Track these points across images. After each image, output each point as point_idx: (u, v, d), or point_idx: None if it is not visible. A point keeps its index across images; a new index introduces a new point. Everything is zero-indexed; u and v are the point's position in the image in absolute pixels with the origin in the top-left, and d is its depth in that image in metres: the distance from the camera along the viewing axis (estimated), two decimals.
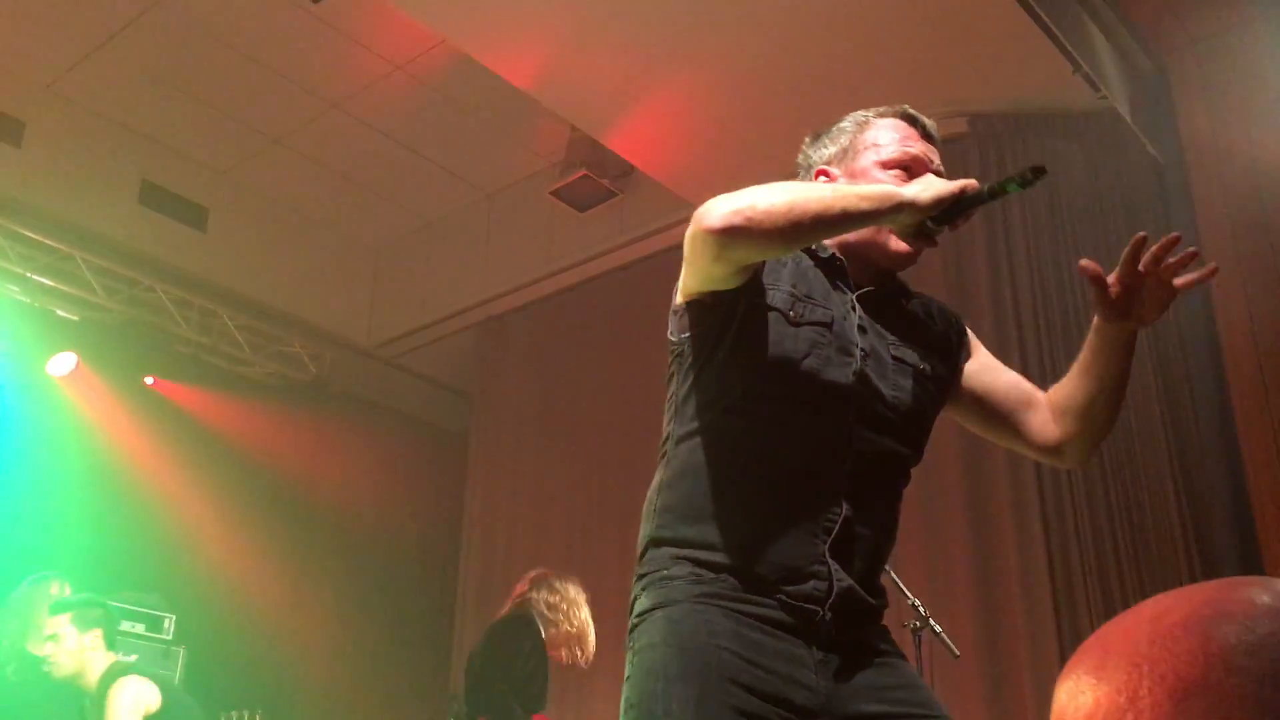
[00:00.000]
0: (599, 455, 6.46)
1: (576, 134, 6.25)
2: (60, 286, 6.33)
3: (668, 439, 1.80)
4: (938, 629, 3.26)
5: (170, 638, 5.71)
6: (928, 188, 1.72)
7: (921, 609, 3.28)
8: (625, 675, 1.64)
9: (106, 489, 6.24)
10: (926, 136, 1.96)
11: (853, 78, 5.23)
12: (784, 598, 1.62)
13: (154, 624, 5.70)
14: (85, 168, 6.41)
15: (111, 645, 4.00)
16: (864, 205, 1.66)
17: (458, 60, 5.89)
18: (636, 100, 5.39)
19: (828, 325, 1.75)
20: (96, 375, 6.47)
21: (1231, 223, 5.10)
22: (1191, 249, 1.73)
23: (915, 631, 3.29)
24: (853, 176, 1.89)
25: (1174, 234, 1.73)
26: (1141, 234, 1.72)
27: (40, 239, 6.17)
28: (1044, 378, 4.87)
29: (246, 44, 5.99)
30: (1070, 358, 4.73)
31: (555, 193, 6.46)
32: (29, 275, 6.21)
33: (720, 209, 1.59)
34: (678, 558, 1.66)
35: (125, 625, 5.55)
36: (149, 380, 6.82)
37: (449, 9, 5.18)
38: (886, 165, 1.88)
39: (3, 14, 5.79)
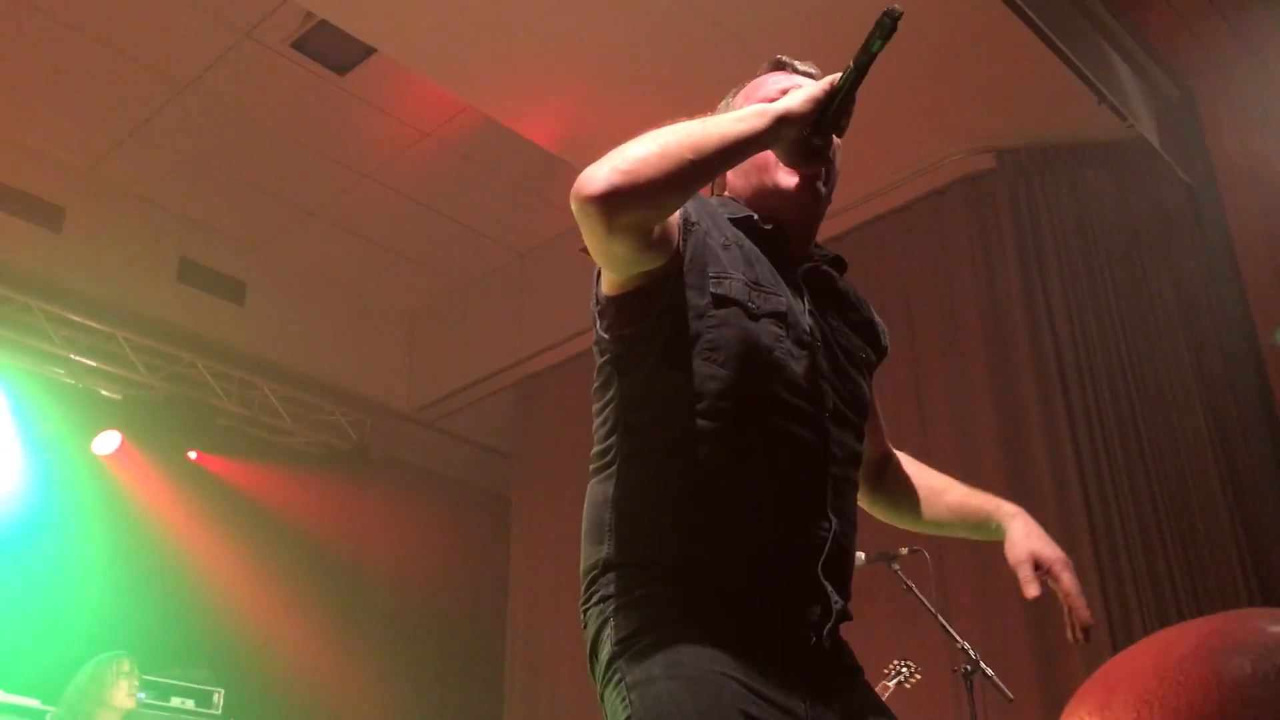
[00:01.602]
0: None
1: None
2: (103, 366, 6.43)
3: (610, 450, 1.63)
4: (989, 673, 3.18)
5: (220, 712, 5.70)
6: (797, 94, 1.59)
7: (972, 652, 3.20)
8: (623, 712, 1.47)
9: (154, 565, 6.27)
10: (805, 75, 1.87)
11: (877, 119, 5.24)
12: (777, 624, 1.52)
13: (204, 699, 5.69)
14: (124, 249, 6.53)
15: None
16: (740, 127, 1.52)
17: (482, 124, 5.96)
18: None
19: (783, 315, 1.62)
20: (141, 452, 6.54)
21: (1269, 241, 5.04)
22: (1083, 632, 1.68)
23: (966, 676, 3.21)
24: None
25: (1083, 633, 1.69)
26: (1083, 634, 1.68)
27: (82, 320, 6.28)
28: (1090, 429, 4.79)
29: (276, 120, 6.11)
30: (1115, 403, 4.65)
31: (586, 249, 6.47)
32: (72, 356, 6.31)
33: (596, 172, 1.46)
34: (652, 578, 1.52)
35: (175, 701, 5.56)
36: (193, 455, 6.88)
37: (471, 75, 5.26)
38: None
39: (42, 103, 5.94)
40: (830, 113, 1.60)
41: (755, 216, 1.72)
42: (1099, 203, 5.34)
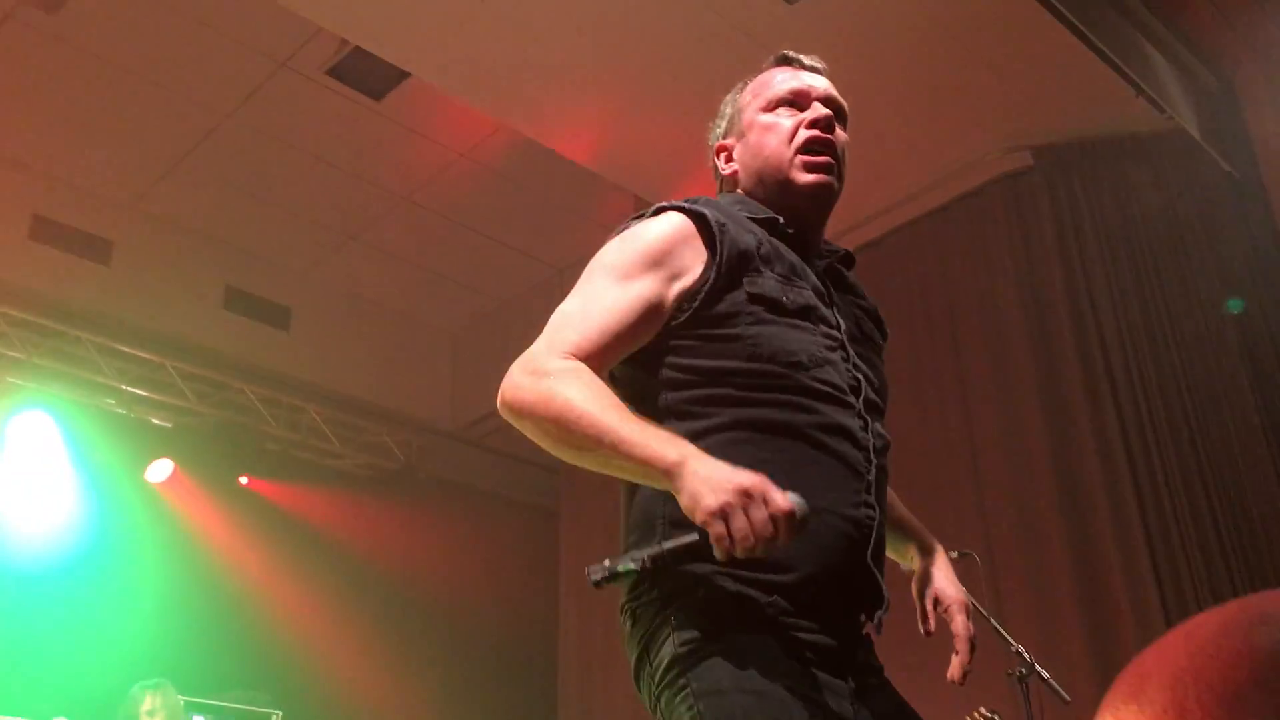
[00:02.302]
0: None
1: (641, 203, 6.31)
2: (154, 395, 6.54)
3: None
4: (1045, 675, 3.14)
5: None
6: (709, 488, 1.41)
7: (1027, 655, 3.17)
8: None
9: (209, 589, 6.36)
10: (811, 70, 1.88)
11: (911, 121, 5.23)
12: (832, 616, 1.54)
13: None
14: (171, 279, 6.64)
15: None
16: (634, 451, 1.46)
17: (517, 142, 6.00)
18: (695, 164, 5.43)
19: (814, 309, 1.68)
20: (192, 479, 6.64)
21: None
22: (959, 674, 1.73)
23: (1021, 679, 3.17)
24: (744, 137, 1.84)
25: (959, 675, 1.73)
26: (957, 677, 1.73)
27: (132, 351, 6.39)
28: (1141, 428, 4.72)
29: (315, 147, 6.19)
30: (1165, 400, 4.57)
31: None
32: (123, 387, 6.42)
33: (509, 383, 1.59)
34: (713, 575, 1.51)
35: None
36: (243, 480, 6.97)
37: (504, 95, 5.31)
38: (770, 106, 1.83)
39: (87, 140, 6.06)
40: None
41: (780, 220, 1.76)
42: (1140, 196, 5.28)
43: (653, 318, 1.64)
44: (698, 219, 1.69)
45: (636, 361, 1.68)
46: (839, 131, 1.82)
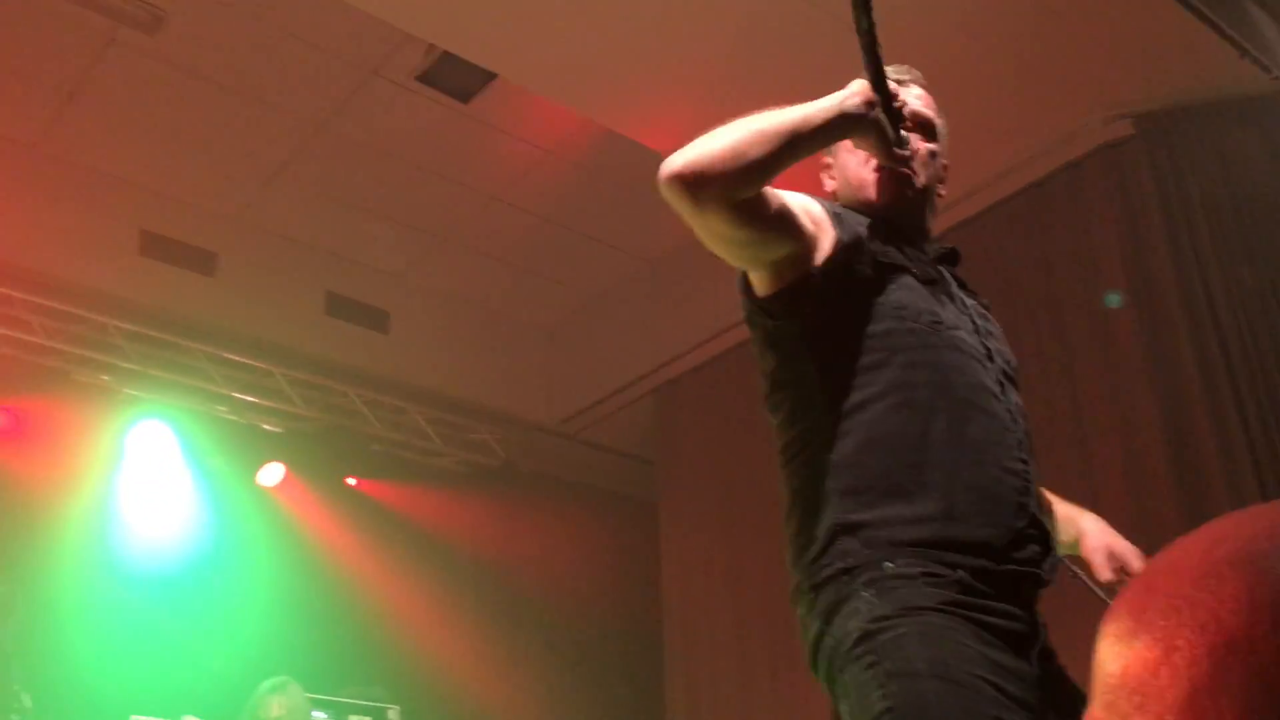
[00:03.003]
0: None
1: None
2: (262, 401, 6.73)
3: (809, 430, 1.68)
4: None
5: None
6: (851, 90, 1.71)
7: None
8: (880, 702, 1.45)
9: (322, 588, 6.53)
10: (900, 82, 1.93)
11: (1009, 93, 5.11)
12: (1013, 567, 1.55)
13: (379, 716, 5.90)
14: (274, 287, 6.82)
15: None
16: (808, 116, 1.63)
17: (605, 136, 6.02)
18: None
19: (939, 282, 1.75)
20: (302, 481, 6.81)
21: None
22: None
23: None
24: (836, 156, 1.92)
25: None
26: None
27: (240, 359, 6.58)
28: (1260, 408, 4.55)
29: (407, 150, 6.29)
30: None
31: None
32: (233, 394, 6.62)
33: (673, 156, 1.58)
34: (895, 544, 1.53)
35: (353, 717, 5.77)
36: (351, 481, 7.14)
37: (589, 89, 5.33)
38: None
39: (188, 155, 6.26)
40: (884, 103, 1.71)
41: (883, 220, 1.83)
42: (1248, 162, 5.09)
43: (795, 231, 1.66)
44: (819, 202, 1.77)
45: (784, 348, 1.74)
46: (919, 143, 1.84)
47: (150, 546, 6.20)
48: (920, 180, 1.80)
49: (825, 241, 1.69)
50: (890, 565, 1.53)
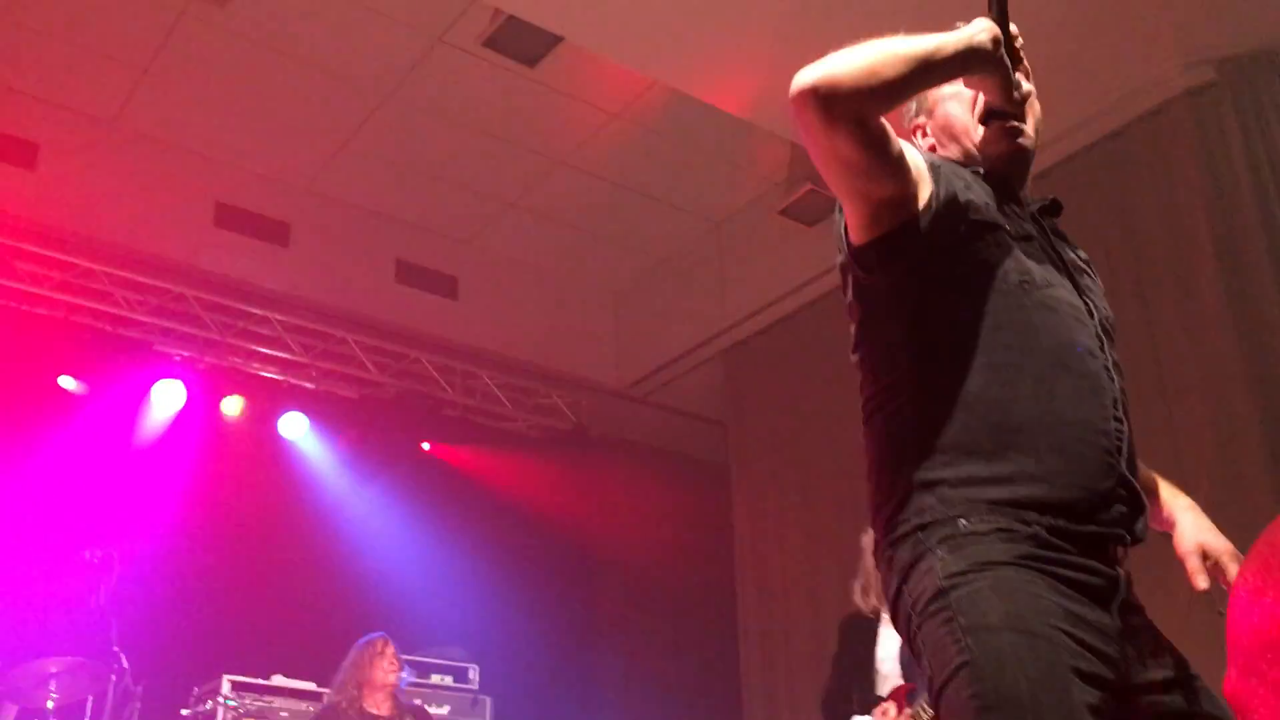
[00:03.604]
0: (856, 469, 6.35)
1: (797, 149, 6.23)
2: (338, 368, 6.83)
3: (894, 385, 1.68)
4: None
5: (476, 686, 6.01)
6: (977, 26, 1.68)
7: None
8: (958, 656, 1.46)
9: (401, 551, 6.65)
10: None
11: (1083, 41, 4.98)
12: (1095, 528, 1.54)
13: (461, 675, 6.02)
14: (345, 256, 6.91)
15: None
16: (942, 46, 1.63)
17: (670, 98, 5.99)
18: None
19: (1034, 239, 1.72)
20: (379, 449, 6.94)
21: None
22: None
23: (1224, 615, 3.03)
24: (932, 114, 1.88)
25: None
26: None
27: (316, 327, 6.69)
28: None
29: (473, 117, 6.31)
30: None
31: (784, 211, 6.45)
32: (312, 363, 6.73)
33: (808, 69, 1.56)
34: (972, 501, 1.54)
35: (435, 678, 5.89)
36: (426, 446, 7.24)
37: (657, 51, 5.29)
38: None
39: (260, 128, 6.34)
40: (1006, 43, 1.69)
41: (981, 170, 1.79)
42: None
43: (905, 173, 1.65)
44: (921, 154, 1.74)
45: (873, 301, 1.74)
46: (1029, 88, 1.81)
47: (235, 512, 6.35)
48: (1027, 127, 1.77)
49: (924, 193, 1.66)
50: (965, 523, 1.53)
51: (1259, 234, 4.84)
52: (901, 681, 3.58)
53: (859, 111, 1.57)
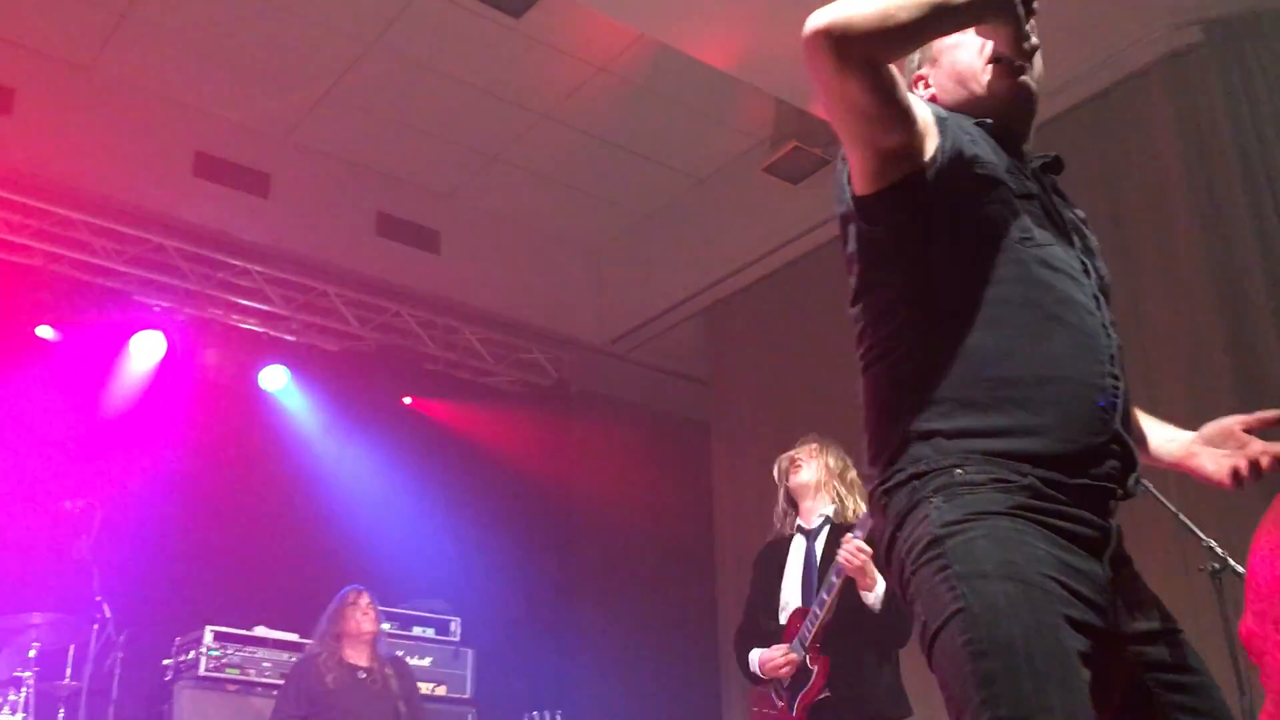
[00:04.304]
0: (837, 427, 6.40)
1: (783, 106, 6.21)
2: (319, 321, 6.81)
3: (892, 336, 1.70)
4: (1240, 570, 3.05)
5: (458, 639, 6.06)
6: None
7: (1218, 549, 3.08)
8: (952, 604, 1.49)
9: (383, 505, 6.67)
10: None
11: (1076, 5, 4.97)
12: (1087, 481, 1.57)
13: (442, 627, 6.06)
14: (326, 208, 6.86)
15: None
16: None
17: (656, 52, 5.95)
18: None
19: (1035, 196, 1.73)
20: (360, 402, 6.93)
21: None
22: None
23: (1214, 575, 3.09)
24: (936, 62, 1.87)
25: None
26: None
27: (297, 279, 6.65)
28: None
29: (457, 68, 6.25)
30: None
31: (768, 168, 6.43)
32: (292, 315, 6.70)
33: (821, 11, 1.56)
34: (967, 453, 1.56)
35: (417, 630, 5.93)
36: (407, 400, 7.23)
37: (643, 4, 5.25)
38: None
39: (239, 77, 6.26)
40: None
41: (990, 121, 1.78)
42: None
43: (913, 122, 1.66)
44: (927, 105, 1.75)
45: (874, 253, 1.74)
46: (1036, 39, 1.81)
47: (217, 464, 6.34)
48: (1034, 79, 1.77)
49: (930, 145, 1.67)
50: (960, 472, 1.55)
51: (1239, 199, 4.87)
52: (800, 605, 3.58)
53: (871, 55, 1.57)
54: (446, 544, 6.73)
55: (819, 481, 3.79)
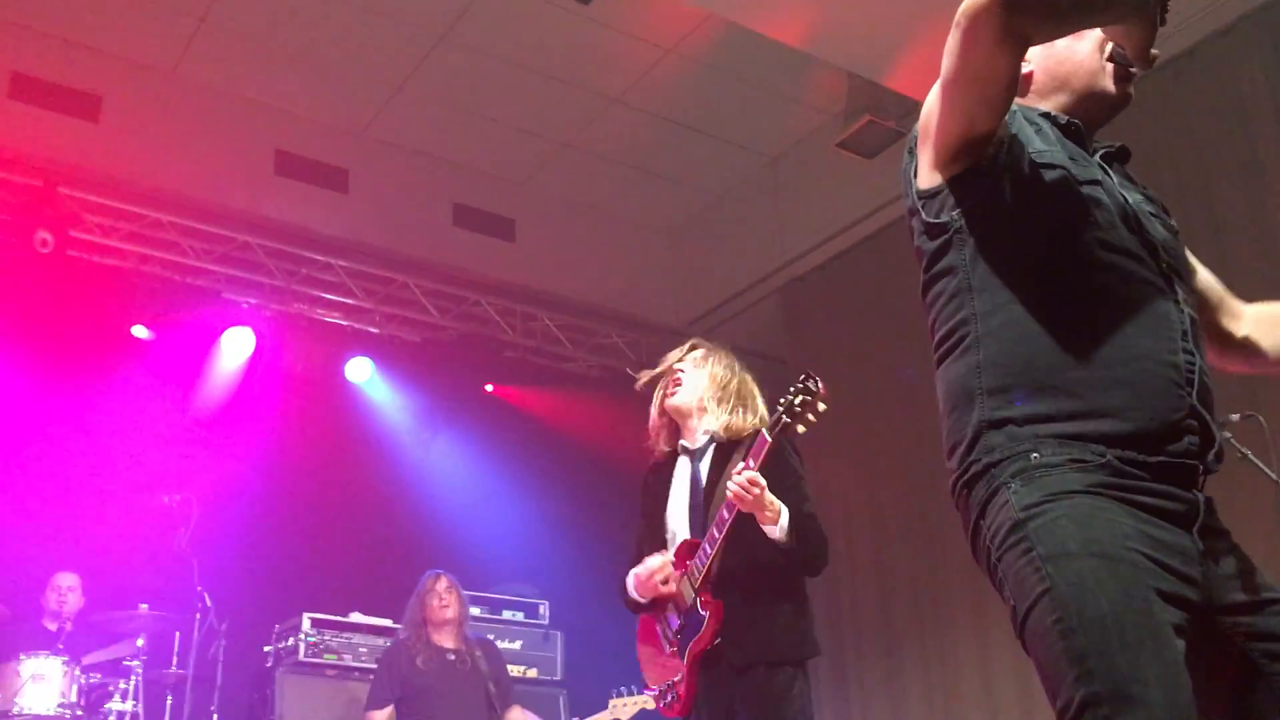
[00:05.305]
0: (916, 402, 6.33)
1: (855, 81, 6.13)
2: (400, 312, 6.92)
3: (963, 324, 1.70)
4: None
5: (547, 622, 6.14)
6: None
7: None
8: (1039, 585, 1.49)
9: (469, 491, 6.77)
10: None
11: None
12: (1165, 459, 1.55)
13: (530, 611, 6.14)
14: (403, 201, 6.96)
15: None
16: None
17: (724, 31, 5.92)
18: (913, 35, 5.22)
19: (1099, 182, 1.72)
20: (443, 391, 7.03)
21: None
22: None
23: None
24: (1051, 55, 1.83)
25: None
26: None
27: (378, 272, 6.77)
28: None
29: (527, 56, 6.29)
30: None
31: (842, 144, 6.36)
32: (375, 307, 6.82)
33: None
34: (1041, 437, 1.56)
35: (507, 614, 6.02)
36: (489, 388, 7.32)
37: None
38: None
39: (314, 74, 6.37)
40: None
41: (1055, 114, 1.80)
42: None
43: (1004, 114, 1.67)
44: None
45: (940, 244, 1.75)
46: None
47: (306, 455, 6.49)
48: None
49: (1000, 134, 1.69)
50: (1036, 455, 1.56)
51: None
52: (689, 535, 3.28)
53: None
54: (533, 528, 6.81)
55: (701, 400, 3.39)
